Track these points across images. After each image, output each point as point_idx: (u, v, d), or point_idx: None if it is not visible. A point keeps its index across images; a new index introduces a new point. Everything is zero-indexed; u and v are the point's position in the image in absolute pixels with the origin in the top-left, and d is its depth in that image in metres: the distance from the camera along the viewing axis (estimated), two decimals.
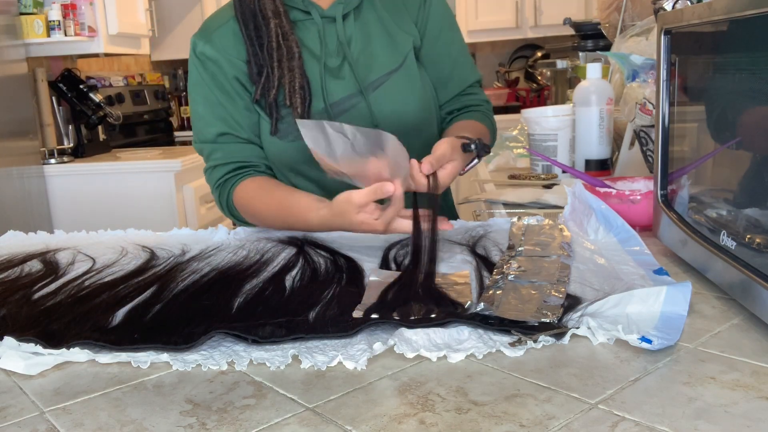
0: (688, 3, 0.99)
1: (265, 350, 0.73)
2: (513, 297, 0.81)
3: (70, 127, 3.23)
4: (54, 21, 3.07)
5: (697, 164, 0.92)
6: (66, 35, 3.11)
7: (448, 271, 0.94)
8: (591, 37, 2.69)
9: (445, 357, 0.69)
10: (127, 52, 3.54)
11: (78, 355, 0.73)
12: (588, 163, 1.58)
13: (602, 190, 1.15)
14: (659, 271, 0.88)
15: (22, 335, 0.77)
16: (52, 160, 3.12)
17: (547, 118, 1.65)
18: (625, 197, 1.12)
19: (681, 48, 0.94)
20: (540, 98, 4.64)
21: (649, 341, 0.68)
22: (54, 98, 3.19)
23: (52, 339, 0.77)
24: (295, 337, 0.75)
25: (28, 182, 2.95)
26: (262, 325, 0.77)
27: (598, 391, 0.61)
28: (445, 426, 0.57)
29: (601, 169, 1.57)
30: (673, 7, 1.03)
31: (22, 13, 3.05)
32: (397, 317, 0.77)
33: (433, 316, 0.77)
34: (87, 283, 0.98)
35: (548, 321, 0.74)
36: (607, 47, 2.35)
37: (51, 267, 1.08)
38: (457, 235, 1.15)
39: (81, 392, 0.67)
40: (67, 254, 1.16)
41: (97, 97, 3.27)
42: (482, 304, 0.78)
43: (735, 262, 0.76)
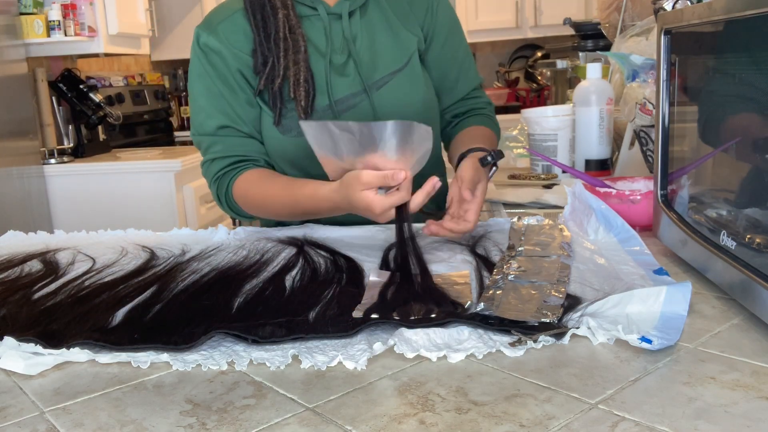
0: (688, 3, 0.99)
1: (265, 350, 0.73)
2: (513, 297, 0.81)
3: (70, 127, 3.23)
4: (54, 21, 3.06)
5: (697, 164, 0.92)
6: (66, 35, 3.10)
7: (448, 271, 0.94)
8: (591, 37, 2.69)
9: (445, 357, 0.69)
10: (127, 52, 3.54)
11: (78, 355, 0.73)
12: (588, 163, 1.58)
13: (602, 190, 1.15)
14: (659, 271, 0.88)
15: (22, 335, 0.77)
16: (52, 160, 3.12)
17: (547, 118, 1.65)
18: (625, 197, 1.12)
19: (681, 48, 0.94)
20: (540, 98, 4.64)
21: (649, 341, 0.68)
22: (54, 98, 3.19)
23: (52, 339, 0.77)
24: (295, 337, 0.75)
25: (28, 182, 2.95)
26: (262, 325, 0.77)
27: (598, 391, 0.61)
28: (445, 426, 0.57)
29: (601, 169, 1.57)
30: (673, 7, 1.03)
31: (22, 13, 3.05)
32: (397, 317, 0.77)
33: (433, 316, 0.77)
34: (87, 283, 0.98)
35: (548, 321, 0.74)
36: (607, 47, 2.35)
37: (51, 267, 1.08)
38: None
39: (81, 392, 0.67)
40: (67, 254, 1.16)
41: (97, 97, 3.27)
42: (482, 304, 0.78)
43: (735, 262, 0.76)
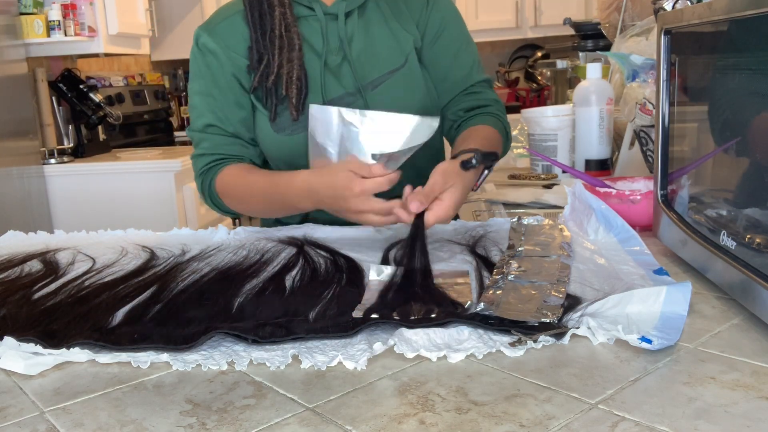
0: (688, 3, 0.99)
1: (265, 350, 0.73)
2: (513, 297, 0.81)
3: (70, 127, 3.23)
4: (54, 21, 3.06)
5: (697, 164, 0.92)
6: (66, 35, 3.10)
7: (449, 269, 0.94)
8: (591, 37, 2.69)
9: (445, 357, 0.69)
10: (127, 52, 3.54)
11: (78, 355, 0.73)
12: (588, 163, 1.58)
13: (602, 190, 1.15)
14: (659, 271, 0.88)
15: (22, 335, 0.77)
16: (52, 160, 3.12)
17: (547, 118, 1.65)
18: (625, 197, 1.12)
19: (681, 48, 0.94)
20: (540, 98, 4.63)
21: (649, 341, 0.68)
22: (54, 98, 3.19)
23: (52, 339, 0.77)
24: (295, 337, 0.75)
25: (28, 182, 2.95)
26: (262, 325, 0.77)
27: (598, 391, 0.61)
28: (445, 426, 0.57)
29: (601, 169, 1.57)
30: (673, 7, 1.03)
31: (22, 13, 3.05)
32: (397, 317, 0.77)
33: (433, 316, 0.77)
34: (87, 283, 0.98)
35: (548, 321, 0.74)
36: (607, 47, 2.35)
37: (51, 267, 1.08)
38: (457, 235, 1.15)
39: (81, 392, 0.67)
40: (67, 254, 1.16)
41: (97, 97, 3.27)
42: (482, 304, 0.78)
43: (735, 262, 0.76)
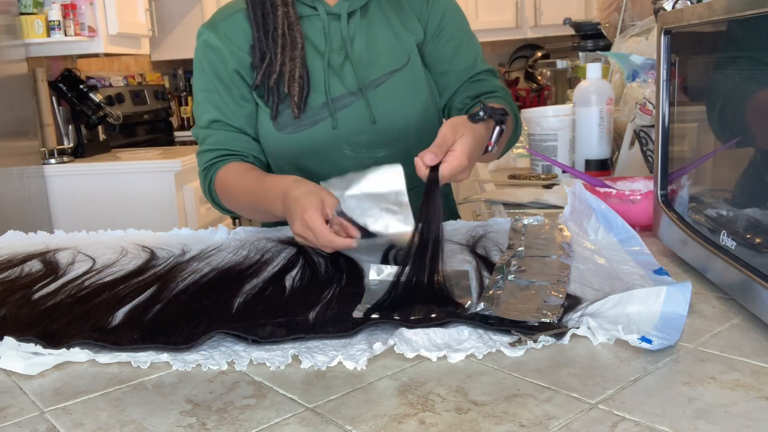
0: (688, 3, 0.99)
1: (265, 350, 0.73)
2: (513, 297, 0.81)
3: (70, 127, 3.23)
4: (54, 21, 3.06)
5: (697, 164, 0.92)
6: (66, 35, 3.10)
7: (448, 271, 0.94)
8: (591, 37, 2.69)
9: (445, 357, 0.69)
10: (127, 52, 3.54)
11: (78, 355, 0.73)
12: (588, 163, 1.58)
13: (602, 190, 1.14)
14: (659, 271, 0.88)
15: (22, 335, 0.77)
16: (52, 160, 3.12)
17: (547, 118, 1.65)
18: (625, 197, 1.12)
19: (681, 48, 0.94)
20: (540, 98, 4.63)
21: (649, 341, 0.68)
22: (54, 98, 3.19)
23: (52, 339, 0.77)
24: (295, 337, 0.75)
25: (28, 182, 2.95)
26: (262, 325, 0.77)
27: (598, 391, 0.61)
28: (445, 426, 0.57)
29: (601, 169, 1.57)
30: (673, 7, 1.03)
31: (22, 13, 3.05)
32: (397, 317, 0.77)
33: (433, 316, 0.77)
34: (87, 283, 0.98)
35: (548, 321, 0.74)
36: (607, 47, 2.35)
37: (51, 267, 1.08)
38: (457, 235, 1.15)
39: (81, 392, 0.67)
40: (67, 254, 1.16)
41: (97, 97, 3.27)
42: (482, 304, 0.78)
43: (735, 262, 0.76)
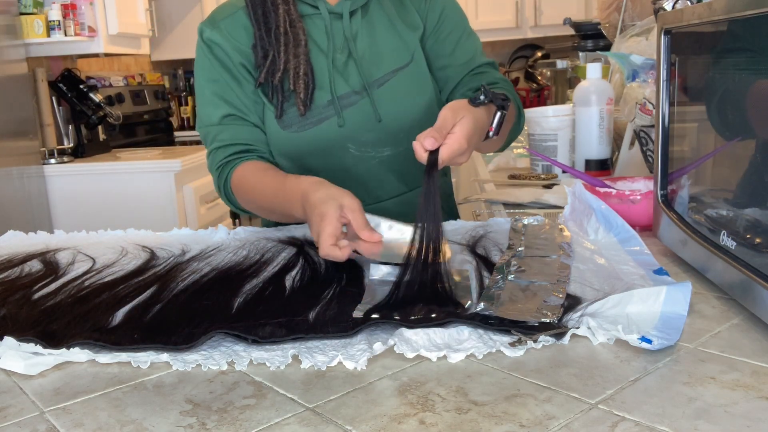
0: (688, 3, 0.99)
1: (265, 350, 0.73)
2: (513, 297, 0.81)
3: (70, 127, 3.23)
4: (54, 21, 3.06)
5: (697, 164, 0.92)
6: (66, 35, 3.10)
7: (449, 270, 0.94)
8: (591, 37, 2.69)
9: (445, 357, 0.69)
10: (127, 52, 3.54)
11: (78, 355, 0.73)
12: (588, 163, 1.58)
13: (602, 190, 1.14)
14: (659, 271, 0.88)
15: (22, 335, 0.77)
16: (52, 160, 3.12)
17: (547, 118, 1.65)
18: (625, 197, 1.12)
19: (681, 48, 0.94)
20: (540, 98, 4.63)
21: (649, 341, 0.68)
22: (54, 98, 3.19)
23: (52, 339, 0.77)
24: (295, 337, 0.75)
25: (28, 182, 2.95)
26: (262, 325, 0.77)
27: (598, 391, 0.61)
28: (445, 426, 0.57)
29: (601, 169, 1.57)
30: (673, 7, 1.03)
31: (22, 13, 3.05)
32: (397, 317, 0.77)
33: (433, 316, 0.77)
34: (87, 283, 0.98)
35: (548, 321, 0.74)
36: (607, 47, 2.35)
37: (51, 267, 1.08)
38: (457, 235, 1.15)
39: (81, 392, 0.67)
40: (67, 254, 1.16)
41: (97, 97, 3.27)
42: (482, 304, 0.78)
43: (735, 262, 0.76)
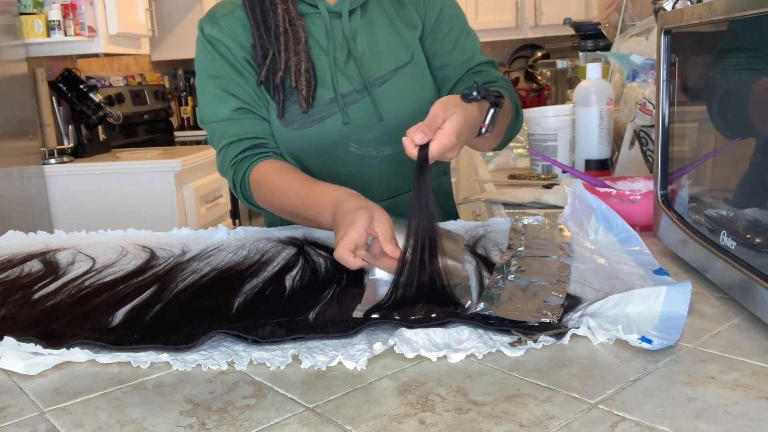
0: (688, 3, 0.99)
1: (265, 350, 0.73)
2: (513, 297, 0.81)
3: (70, 127, 3.23)
4: (54, 21, 3.06)
5: (697, 164, 0.92)
6: (66, 35, 3.10)
7: (448, 267, 0.94)
8: (591, 37, 2.69)
9: (445, 357, 0.69)
10: (127, 52, 3.54)
11: (78, 355, 0.73)
12: (588, 163, 1.58)
13: (602, 190, 1.14)
14: (659, 271, 0.88)
15: (22, 335, 0.77)
16: (52, 160, 3.12)
17: (547, 118, 1.65)
18: (625, 197, 1.12)
19: (681, 48, 0.94)
20: (540, 98, 4.63)
21: (649, 341, 0.68)
22: (54, 98, 3.19)
23: (52, 339, 0.77)
24: (295, 337, 0.75)
25: (28, 182, 2.95)
26: (262, 325, 0.77)
27: (598, 391, 0.61)
28: (445, 426, 0.57)
29: (601, 169, 1.57)
30: (673, 7, 1.03)
31: (22, 13, 3.05)
32: (398, 317, 0.77)
33: (433, 316, 0.77)
34: (87, 283, 0.98)
35: (548, 321, 0.74)
36: (607, 47, 2.35)
37: (51, 267, 1.08)
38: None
39: (81, 392, 0.67)
40: (67, 254, 1.16)
41: (97, 97, 3.27)
42: (482, 304, 0.78)
43: (735, 262, 0.76)
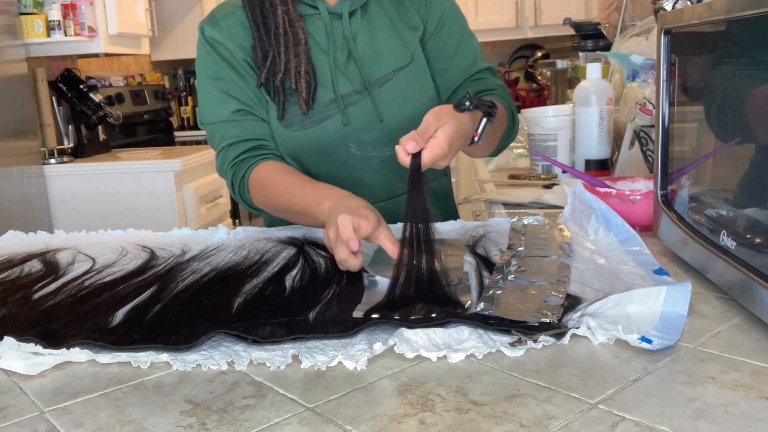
0: (688, 3, 0.99)
1: (265, 350, 0.73)
2: (513, 297, 0.81)
3: (70, 127, 3.23)
4: (54, 21, 3.06)
5: (697, 164, 0.92)
6: (66, 35, 3.10)
7: (447, 266, 0.94)
8: (591, 37, 2.69)
9: (445, 357, 0.69)
10: (127, 52, 3.54)
11: (78, 355, 0.73)
12: (588, 163, 1.58)
13: (602, 190, 1.14)
14: (659, 271, 0.88)
15: (22, 335, 0.77)
16: (52, 160, 3.12)
17: (547, 118, 1.65)
18: (625, 197, 1.12)
19: (681, 48, 0.94)
20: (540, 98, 4.63)
21: (649, 341, 0.68)
22: (54, 98, 3.19)
23: (52, 339, 0.77)
24: (295, 337, 0.75)
25: (28, 182, 2.95)
26: (262, 325, 0.77)
27: (598, 391, 0.61)
28: (445, 426, 0.57)
29: (601, 169, 1.57)
30: (673, 7, 1.03)
31: (22, 13, 3.05)
32: (397, 317, 0.77)
33: (434, 316, 0.77)
34: (87, 283, 0.98)
35: (548, 321, 0.74)
36: (607, 47, 2.35)
37: (51, 267, 1.08)
38: (457, 235, 1.15)
39: (81, 392, 0.67)
40: (67, 254, 1.16)
41: (97, 97, 3.27)
42: (482, 304, 0.78)
43: (735, 262, 0.76)
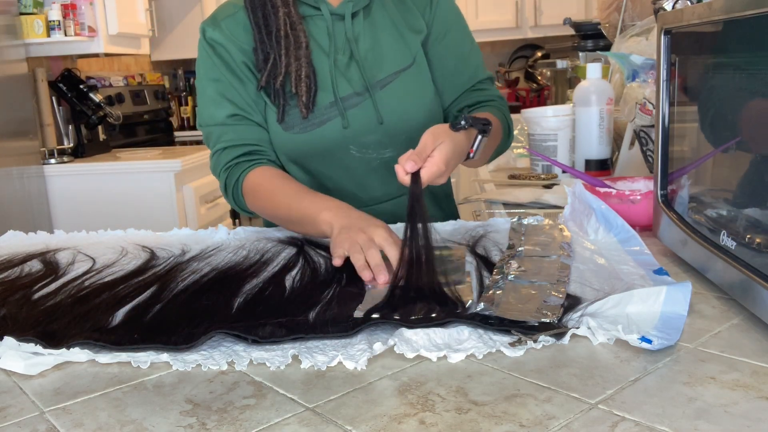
0: (688, 3, 0.99)
1: (265, 350, 0.73)
2: (513, 297, 0.81)
3: (70, 127, 3.23)
4: (54, 21, 3.06)
5: (697, 164, 0.92)
6: (66, 35, 3.10)
7: (447, 266, 0.94)
8: (591, 37, 2.69)
9: (445, 357, 0.69)
10: (127, 52, 3.54)
11: (78, 355, 0.73)
12: (588, 163, 1.58)
13: (602, 190, 1.14)
14: (659, 271, 0.88)
15: (22, 335, 0.77)
16: (52, 160, 3.12)
17: (547, 118, 1.65)
18: (625, 197, 1.12)
19: (681, 48, 0.94)
20: (540, 98, 4.63)
21: (649, 341, 0.68)
22: (54, 98, 3.19)
23: (52, 339, 0.77)
24: (295, 337, 0.75)
25: (28, 182, 2.95)
26: (262, 325, 0.77)
27: (598, 391, 0.61)
28: (445, 426, 0.57)
29: (601, 169, 1.57)
30: (673, 7, 1.03)
31: (22, 13, 3.05)
32: (398, 317, 0.77)
33: (434, 316, 0.77)
34: (87, 283, 0.98)
35: (548, 321, 0.74)
36: (607, 47, 2.35)
37: (51, 267, 1.08)
38: (457, 235, 1.15)
39: (81, 392, 0.67)
40: (67, 254, 1.16)
41: (97, 97, 3.27)
42: (482, 304, 0.78)
43: (735, 262, 0.76)
